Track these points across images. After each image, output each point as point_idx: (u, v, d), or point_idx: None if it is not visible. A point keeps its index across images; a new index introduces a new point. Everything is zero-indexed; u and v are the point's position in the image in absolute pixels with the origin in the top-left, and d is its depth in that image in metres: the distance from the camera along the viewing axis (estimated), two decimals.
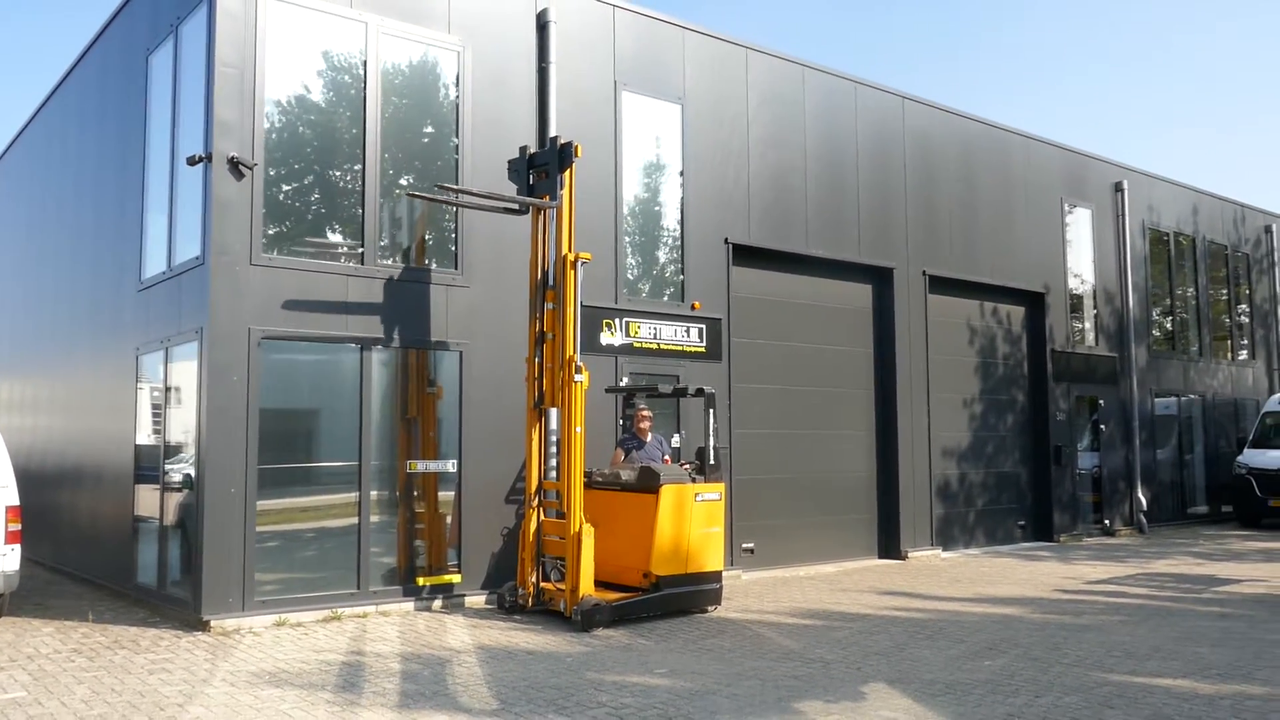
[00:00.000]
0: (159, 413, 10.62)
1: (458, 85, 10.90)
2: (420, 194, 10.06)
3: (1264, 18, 58.52)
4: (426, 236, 10.71)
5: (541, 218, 10.20)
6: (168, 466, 10.27)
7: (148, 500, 10.67)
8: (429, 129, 10.82)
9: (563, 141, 10.07)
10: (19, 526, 9.46)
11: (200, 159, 9.43)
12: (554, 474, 10.08)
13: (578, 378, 9.72)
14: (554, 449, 10.15)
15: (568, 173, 10.06)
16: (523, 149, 10.47)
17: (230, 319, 9.34)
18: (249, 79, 9.57)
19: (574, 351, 9.83)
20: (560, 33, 11.51)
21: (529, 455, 10.08)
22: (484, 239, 10.88)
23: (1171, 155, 62.38)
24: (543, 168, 10.22)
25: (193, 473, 9.61)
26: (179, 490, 10.04)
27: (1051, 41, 63.98)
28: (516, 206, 10.29)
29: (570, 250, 9.96)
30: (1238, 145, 62.67)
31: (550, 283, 10.05)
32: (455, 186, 10.18)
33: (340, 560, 9.84)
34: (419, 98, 10.75)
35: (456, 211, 10.76)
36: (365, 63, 10.28)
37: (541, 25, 11.42)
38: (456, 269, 10.73)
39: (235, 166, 9.38)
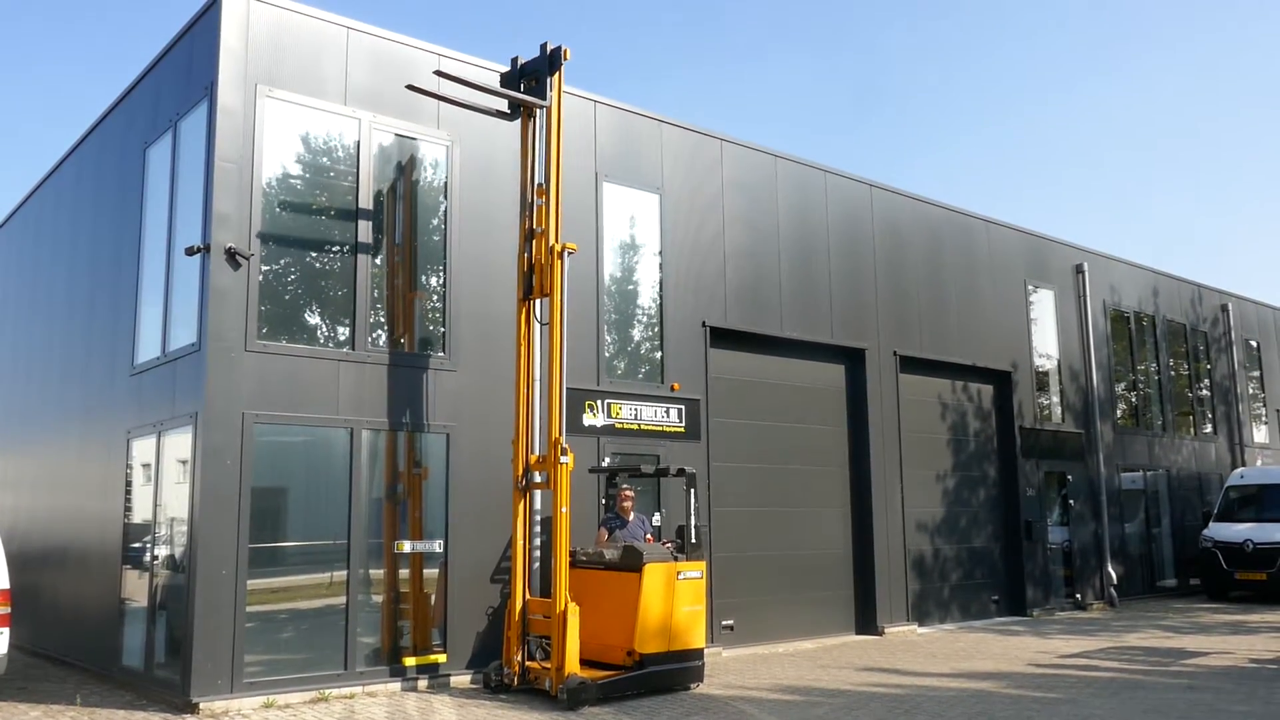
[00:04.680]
0: (149, 495, 10.77)
1: (446, 177, 11.37)
2: (419, 88, 10.33)
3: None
4: (415, 322, 11.05)
5: (532, 122, 10.76)
6: (156, 549, 10.40)
7: (135, 582, 10.77)
8: (418, 219, 11.23)
9: (552, 47, 10.67)
10: (8, 610, 9.53)
11: (199, 249, 9.77)
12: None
13: (563, 459, 10.00)
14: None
15: (557, 75, 10.65)
16: (514, 60, 11.02)
17: (225, 403, 9.60)
18: (247, 173, 9.97)
19: (559, 434, 10.14)
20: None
21: (518, 378, 10.45)
22: (471, 324, 11.24)
23: (1131, 238, 64.18)
24: (533, 75, 10.78)
25: (181, 554, 9.75)
26: (167, 572, 10.16)
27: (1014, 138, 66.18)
28: (507, 108, 10.84)
29: (558, 241, 10.44)
30: (1194, 229, 64.63)
31: (539, 181, 10.60)
32: (451, 75, 10.44)
33: (327, 640, 9.96)
34: (409, 190, 11.19)
35: (445, 296, 11.14)
36: (358, 157, 10.73)
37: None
38: (444, 353, 11.06)
39: (232, 257, 9.72)
